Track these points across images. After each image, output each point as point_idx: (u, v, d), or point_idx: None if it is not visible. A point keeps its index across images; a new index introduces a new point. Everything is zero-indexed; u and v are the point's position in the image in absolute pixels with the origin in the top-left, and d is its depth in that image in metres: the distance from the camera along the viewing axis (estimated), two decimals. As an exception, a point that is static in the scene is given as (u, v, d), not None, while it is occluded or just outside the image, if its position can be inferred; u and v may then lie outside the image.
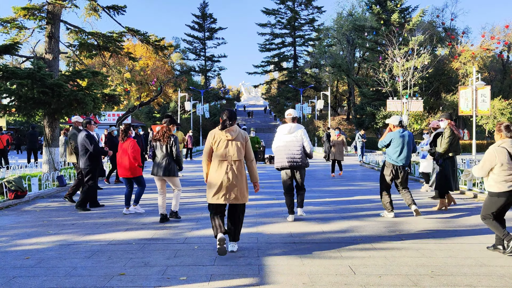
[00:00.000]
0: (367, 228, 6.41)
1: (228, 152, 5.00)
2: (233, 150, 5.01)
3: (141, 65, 51.05)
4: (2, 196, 9.04)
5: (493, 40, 41.58)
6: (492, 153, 4.90)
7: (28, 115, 12.36)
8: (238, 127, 5.22)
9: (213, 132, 5.11)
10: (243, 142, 5.10)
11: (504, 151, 4.85)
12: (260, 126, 55.67)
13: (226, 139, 5.01)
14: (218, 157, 5.01)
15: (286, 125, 7.00)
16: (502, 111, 32.65)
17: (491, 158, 4.92)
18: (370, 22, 45.98)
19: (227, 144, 5.01)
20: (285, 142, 6.87)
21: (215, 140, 5.05)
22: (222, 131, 5.03)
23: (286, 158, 6.83)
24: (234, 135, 5.02)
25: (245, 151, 5.12)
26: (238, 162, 5.02)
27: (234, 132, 5.03)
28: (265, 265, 4.62)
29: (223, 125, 5.06)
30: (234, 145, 5.02)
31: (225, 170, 4.95)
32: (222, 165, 4.98)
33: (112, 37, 14.50)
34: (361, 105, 42.69)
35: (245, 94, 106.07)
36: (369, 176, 14.45)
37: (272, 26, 63.03)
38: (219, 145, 5.02)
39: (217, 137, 5.04)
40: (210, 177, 5.05)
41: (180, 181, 12.87)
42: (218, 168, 4.99)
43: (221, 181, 4.92)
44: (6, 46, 12.37)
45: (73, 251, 5.25)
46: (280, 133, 7.00)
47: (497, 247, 5.09)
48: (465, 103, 17.74)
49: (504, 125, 4.98)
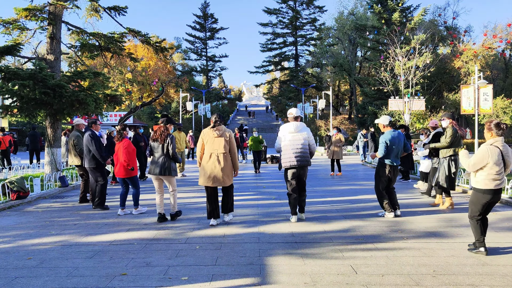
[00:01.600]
0: (368, 228, 6.40)
1: (215, 146, 6.36)
2: (218, 145, 6.37)
3: (142, 65, 51.07)
4: (5, 197, 9.06)
5: (495, 39, 41.42)
6: (486, 151, 4.83)
7: (30, 116, 12.38)
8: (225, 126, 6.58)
9: (204, 130, 6.52)
10: (227, 138, 6.43)
11: (497, 150, 4.80)
12: (262, 126, 55.62)
13: (214, 136, 6.39)
14: (208, 150, 6.41)
15: (290, 124, 6.83)
16: (504, 109, 32.55)
17: (484, 157, 4.84)
18: (371, 21, 45.89)
19: (214, 140, 6.39)
20: (291, 141, 6.70)
21: (205, 137, 6.46)
22: (211, 130, 6.42)
23: (294, 156, 6.65)
24: (219, 133, 6.40)
25: (229, 146, 6.45)
26: (223, 154, 6.37)
27: (220, 131, 6.42)
28: (266, 265, 4.62)
29: (213, 125, 6.44)
30: (220, 141, 6.38)
31: (213, 160, 6.33)
32: (211, 156, 6.37)
33: (114, 37, 14.52)
34: (362, 105, 42.60)
35: (246, 94, 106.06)
36: (371, 176, 14.42)
37: (274, 26, 63.02)
38: (209, 141, 6.43)
39: (207, 134, 6.46)
40: (202, 166, 6.46)
41: (182, 181, 12.86)
42: (208, 158, 6.38)
43: (210, 169, 6.34)
44: (7, 47, 12.39)
45: (75, 251, 5.26)
46: (285, 132, 6.79)
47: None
48: (467, 102, 17.68)
49: (494, 123, 4.89)
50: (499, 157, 4.79)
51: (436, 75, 38.31)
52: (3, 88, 11.55)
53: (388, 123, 7.21)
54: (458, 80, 39.25)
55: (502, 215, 7.31)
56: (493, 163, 4.78)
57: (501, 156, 4.80)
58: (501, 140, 4.84)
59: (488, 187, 4.87)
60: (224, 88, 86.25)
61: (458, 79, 39.47)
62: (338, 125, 43.16)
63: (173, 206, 7.04)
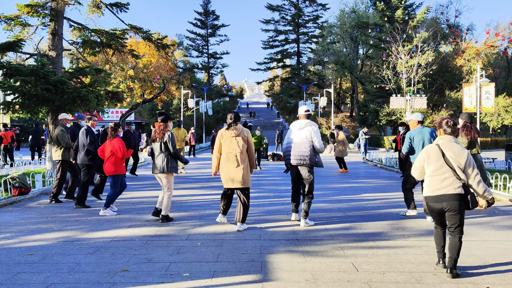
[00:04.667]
0: (370, 225, 6.40)
1: (233, 146, 6.13)
2: (236, 145, 6.14)
3: (144, 62, 51.07)
4: (6, 193, 9.09)
5: (497, 37, 41.30)
6: (422, 152, 4.34)
7: (32, 112, 12.40)
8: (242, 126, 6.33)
9: (221, 131, 6.32)
10: (245, 138, 6.21)
11: (436, 149, 4.22)
12: (263, 124, 55.58)
13: (231, 136, 6.16)
14: (225, 150, 6.19)
15: (298, 122, 6.69)
16: (506, 108, 32.49)
17: (420, 157, 4.35)
18: (373, 19, 45.77)
19: (232, 140, 6.16)
20: (293, 139, 6.54)
21: (222, 137, 6.26)
22: (228, 130, 6.20)
23: (292, 154, 6.46)
24: (237, 132, 6.17)
25: (246, 145, 6.21)
26: (241, 154, 6.13)
27: (237, 130, 6.19)
28: (268, 262, 4.63)
29: (228, 125, 6.24)
30: (237, 141, 6.16)
31: (232, 161, 6.11)
32: (228, 157, 6.13)
33: (115, 34, 14.51)
34: (364, 103, 42.55)
35: (248, 91, 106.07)
36: (372, 174, 14.42)
37: (276, 23, 62.86)
38: (226, 141, 6.21)
39: (224, 135, 6.24)
40: (220, 167, 6.27)
41: (183, 178, 12.87)
42: (225, 159, 6.16)
43: (229, 169, 6.12)
44: (9, 43, 12.40)
45: (77, 247, 5.27)
46: (293, 129, 6.71)
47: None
48: (469, 100, 17.65)
49: (445, 120, 4.33)
50: (438, 157, 4.18)
51: (438, 73, 38.22)
52: (5, 84, 11.56)
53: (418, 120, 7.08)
54: (460, 79, 39.15)
55: (503, 214, 7.31)
56: (431, 164, 4.23)
57: (441, 155, 4.17)
58: (448, 138, 4.24)
59: (427, 194, 4.28)
60: (225, 85, 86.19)
61: (460, 78, 39.37)
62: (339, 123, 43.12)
63: (166, 208, 6.73)
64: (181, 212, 7.43)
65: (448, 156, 4.14)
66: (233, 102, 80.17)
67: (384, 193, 9.81)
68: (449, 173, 4.13)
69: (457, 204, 4.09)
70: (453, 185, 4.10)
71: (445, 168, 4.15)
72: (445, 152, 4.16)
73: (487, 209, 7.60)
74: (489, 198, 4.19)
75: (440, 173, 4.16)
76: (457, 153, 4.13)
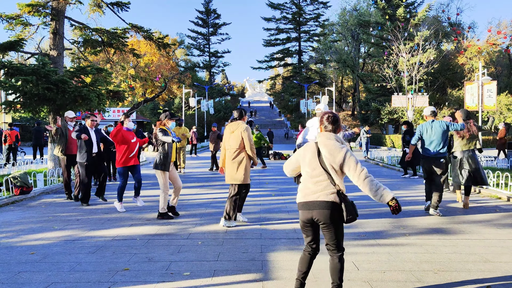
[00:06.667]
0: (371, 224, 6.39)
1: (230, 142, 6.20)
2: (233, 140, 6.16)
3: (145, 61, 51.09)
4: (8, 192, 9.11)
5: (499, 35, 41.16)
6: (301, 149, 3.59)
7: (33, 111, 12.43)
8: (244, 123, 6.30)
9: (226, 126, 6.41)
10: (242, 134, 6.13)
11: (313, 148, 3.45)
12: (265, 123, 55.59)
13: (229, 133, 6.25)
14: (224, 147, 6.34)
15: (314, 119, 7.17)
16: (508, 106, 32.37)
17: (297, 154, 3.60)
18: (375, 17, 45.68)
19: (230, 136, 6.23)
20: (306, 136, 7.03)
21: (224, 134, 6.38)
22: (228, 125, 6.29)
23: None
24: (233, 129, 6.20)
25: (243, 141, 6.14)
26: (236, 150, 6.13)
27: (234, 126, 6.21)
28: (268, 261, 4.63)
29: (230, 122, 6.33)
30: (233, 137, 6.17)
31: (228, 157, 6.20)
32: (227, 153, 6.26)
33: (116, 33, 14.51)
34: (366, 101, 42.52)
35: (249, 90, 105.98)
36: (374, 172, 14.40)
37: (277, 21, 62.88)
38: (225, 137, 6.29)
39: (225, 131, 6.35)
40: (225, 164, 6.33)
41: (185, 177, 12.87)
42: (226, 155, 6.27)
43: (227, 165, 6.21)
44: (11, 42, 12.42)
45: (78, 246, 5.28)
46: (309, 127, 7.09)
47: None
48: (471, 99, 17.61)
49: (326, 115, 3.52)
50: (313, 156, 3.41)
51: (440, 72, 38.15)
52: (6, 83, 11.58)
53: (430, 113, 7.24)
54: (461, 77, 39.06)
55: (504, 212, 7.28)
56: (305, 164, 3.47)
57: (316, 155, 3.41)
58: (327, 135, 3.44)
59: (297, 199, 3.49)
60: (227, 84, 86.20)
61: (462, 76, 39.29)
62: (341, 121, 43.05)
63: (162, 207, 6.77)
64: (182, 211, 7.43)
65: (323, 155, 3.37)
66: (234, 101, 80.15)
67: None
68: (323, 176, 3.35)
69: (327, 213, 3.26)
70: (325, 191, 3.31)
71: (319, 170, 3.37)
72: (321, 151, 3.39)
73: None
74: (386, 202, 3.32)
75: (314, 175, 3.38)
76: (332, 152, 3.34)
